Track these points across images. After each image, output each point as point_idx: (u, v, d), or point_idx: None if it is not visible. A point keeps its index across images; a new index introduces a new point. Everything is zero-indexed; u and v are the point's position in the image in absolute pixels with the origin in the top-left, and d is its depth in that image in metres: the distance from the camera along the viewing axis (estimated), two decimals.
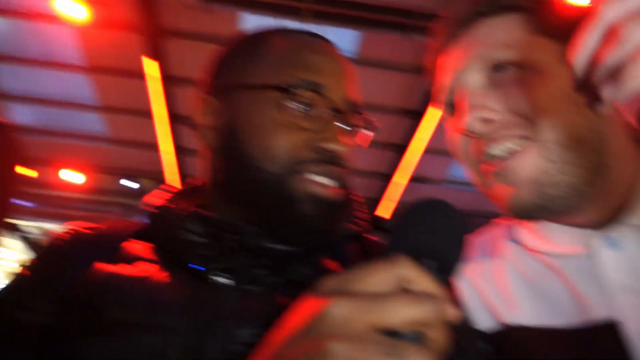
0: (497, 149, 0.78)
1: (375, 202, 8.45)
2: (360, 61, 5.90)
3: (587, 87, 0.54)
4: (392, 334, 0.40)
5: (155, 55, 5.48)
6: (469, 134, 0.80)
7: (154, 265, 0.73)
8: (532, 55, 0.78)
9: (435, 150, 7.33)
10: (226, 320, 0.65)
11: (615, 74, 0.48)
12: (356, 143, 0.84)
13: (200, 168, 0.87)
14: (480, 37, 0.82)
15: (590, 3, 0.80)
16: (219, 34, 5.29)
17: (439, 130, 6.90)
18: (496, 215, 1.01)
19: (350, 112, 0.80)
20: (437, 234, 0.49)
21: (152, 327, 0.64)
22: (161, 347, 0.62)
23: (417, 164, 7.41)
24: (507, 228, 0.93)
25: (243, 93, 0.77)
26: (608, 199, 0.78)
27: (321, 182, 0.74)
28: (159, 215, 0.81)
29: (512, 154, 0.77)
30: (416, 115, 6.63)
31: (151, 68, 5.58)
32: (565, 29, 0.76)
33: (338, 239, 0.79)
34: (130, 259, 0.74)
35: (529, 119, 0.75)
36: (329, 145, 0.73)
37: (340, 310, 0.40)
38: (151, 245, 0.78)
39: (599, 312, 0.72)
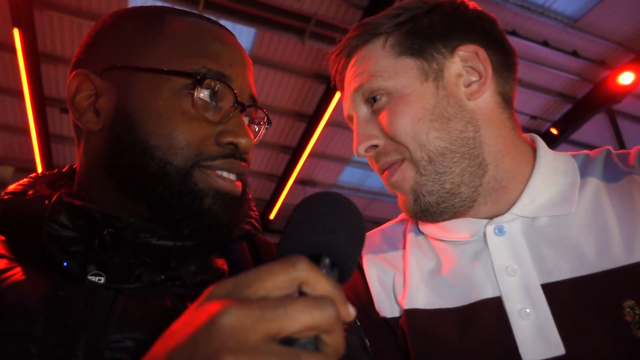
0: (383, 168, 0.90)
1: (262, 202, 8.43)
2: (255, 60, 5.86)
3: None
4: (287, 340, 0.38)
5: (27, 27, 4.85)
6: (361, 157, 0.92)
7: (2, 260, 0.63)
8: (396, 81, 0.86)
9: (325, 154, 7.53)
10: (96, 324, 0.57)
11: None
12: (257, 138, 0.82)
13: (76, 153, 0.77)
14: (357, 68, 0.91)
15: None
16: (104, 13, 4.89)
17: (330, 135, 7.11)
18: (385, 221, 1.07)
19: (251, 106, 0.78)
20: (336, 230, 0.46)
21: (3, 335, 0.54)
22: (15, 357, 0.52)
23: (307, 167, 7.53)
24: (412, 222, 1.01)
25: (140, 75, 0.69)
26: (495, 194, 0.86)
27: (225, 176, 0.71)
28: (11, 203, 0.69)
29: (392, 170, 0.88)
30: (308, 119, 6.75)
31: (22, 41, 4.92)
32: (423, 43, 0.86)
33: (238, 235, 0.75)
34: None
35: (401, 143, 0.85)
36: (234, 139, 0.70)
37: (233, 319, 0.36)
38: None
39: (487, 292, 0.82)
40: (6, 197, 0.70)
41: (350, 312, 0.41)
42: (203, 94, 0.69)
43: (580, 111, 7.21)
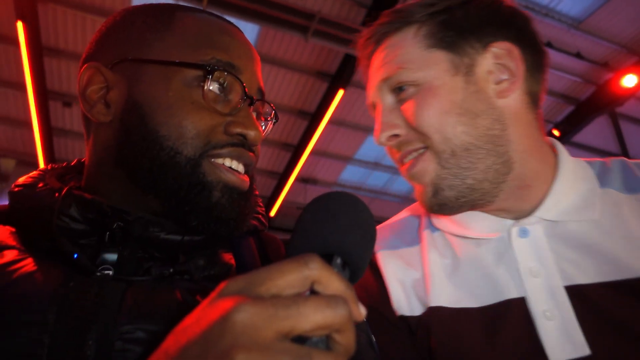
0: (404, 158, 0.89)
1: (262, 199, 8.43)
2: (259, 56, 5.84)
3: None
4: (299, 339, 0.38)
5: (31, 20, 4.85)
6: (382, 145, 0.91)
7: (13, 251, 0.63)
8: (425, 72, 0.85)
9: (327, 152, 7.53)
10: (107, 315, 0.57)
11: None
12: (264, 133, 0.82)
13: (85, 146, 0.77)
14: (385, 56, 0.89)
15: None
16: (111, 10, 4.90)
17: (331, 133, 7.11)
18: (386, 220, 1.07)
19: (259, 99, 0.78)
20: (348, 230, 0.47)
21: (16, 324, 0.54)
22: (28, 346, 0.53)
23: (308, 165, 7.52)
24: (426, 217, 0.99)
25: (150, 67, 0.70)
26: (518, 191, 0.86)
27: (233, 168, 0.71)
28: (22, 195, 0.69)
29: (414, 160, 0.87)
30: (310, 117, 6.74)
31: (26, 34, 4.91)
32: (456, 36, 0.85)
33: (245, 230, 0.75)
34: None
35: (424, 134, 0.84)
36: (244, 130, 0.71)
37: (246, 316, 0.36)
38: (10, 229, 0.68)
39: (511, 292, 0.82)
40: (17, 189, 0.70)
41: (362, 311, 0.42)
42: (213, 85, 0.70)
43: (583, 113, 7.20)
